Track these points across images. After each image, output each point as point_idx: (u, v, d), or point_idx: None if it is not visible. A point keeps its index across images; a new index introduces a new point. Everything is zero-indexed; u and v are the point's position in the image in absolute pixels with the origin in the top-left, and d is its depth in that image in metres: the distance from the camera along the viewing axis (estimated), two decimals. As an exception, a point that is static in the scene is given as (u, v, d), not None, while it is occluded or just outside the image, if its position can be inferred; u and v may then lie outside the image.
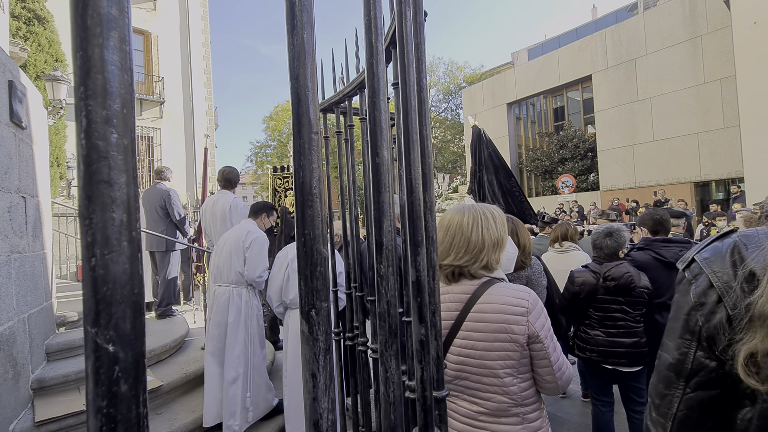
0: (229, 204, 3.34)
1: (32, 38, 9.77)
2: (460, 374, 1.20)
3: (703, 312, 0.62)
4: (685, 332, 0.64)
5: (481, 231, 1.23)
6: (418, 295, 0.73)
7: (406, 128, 0.73)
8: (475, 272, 1.23)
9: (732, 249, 0.62)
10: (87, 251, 0.24)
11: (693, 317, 0.63)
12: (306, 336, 0.39)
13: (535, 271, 2.22)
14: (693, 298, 0.64)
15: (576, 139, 17.62)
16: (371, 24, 0.58)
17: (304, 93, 0.40)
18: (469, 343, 1.17)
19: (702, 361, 0.61)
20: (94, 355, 0.24)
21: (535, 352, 1.14)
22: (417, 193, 0.72)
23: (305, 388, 0.39)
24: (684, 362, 0.63)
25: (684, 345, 0.63)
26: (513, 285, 1.22)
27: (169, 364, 3.38)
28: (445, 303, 1.23)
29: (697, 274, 0.65)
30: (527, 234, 2.16)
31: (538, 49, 25.96)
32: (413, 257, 0.73)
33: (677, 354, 0.64)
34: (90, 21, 0.24)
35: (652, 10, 15.12)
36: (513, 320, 1.13)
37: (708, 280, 0.62)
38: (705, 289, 0.62)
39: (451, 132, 29.96)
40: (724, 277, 0.61)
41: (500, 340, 1.13)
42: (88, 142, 0.24)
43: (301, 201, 0.40)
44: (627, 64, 14.95)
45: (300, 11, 0.41)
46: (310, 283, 0.40)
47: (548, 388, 1.17)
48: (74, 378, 2.85)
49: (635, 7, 22.70)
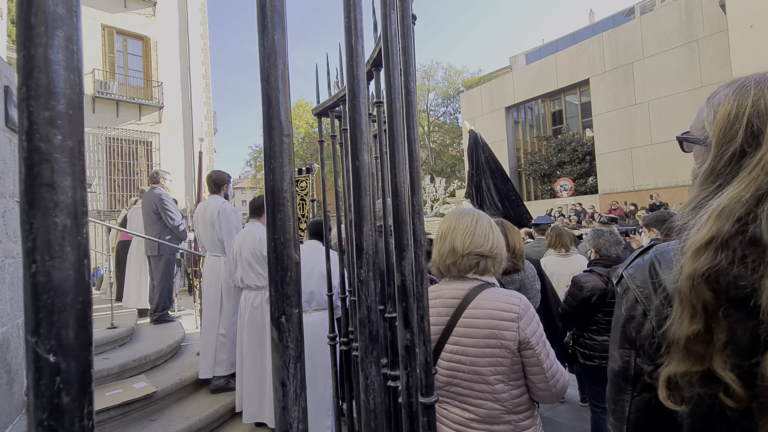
0: (217, 209, 3.33)
1: (31, 44, 9.80)
2: (452, 380, 1.18)
3: (634, 324, 0.66)
4: (624, 342, 0.68)
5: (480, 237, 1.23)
6: (403, 299, 0.72)
7: (391, 131, 0.73)
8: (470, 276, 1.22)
9: (650, 266, 0.66)
10: (27, 258, 0.23)
11: (627, 329, 0.67)
12: (276, 343, 0.38)
13: (528, 275, 2.20)
14: (624, 312, 0.68)
15: (574, 143, 17.66)
16: (351, 26, 0.58)
17: (274, 95, 0.40)
18: (460, 349, 1.16)
19: (642, 367, 0.65)
20: (34, 366, 0.23)
21: (526, 358, 1.13)
22: (402, 196, 0.71)
23: (275, 396, 0.38)
24: (628, 369, 0.67)
25: (625, 354, 0.68)
26: (504, 290, 1.20)
27: (164, 370, 3.35)
28: (436, 308, 1.22)
29: (626, 289, 0.69)
30: (518, 236, 2.14)
31: (536, 53, 26.08)
32: (398, 261, 0.72)
33: (621, 362, 0.68)
34: (34, 19, 0.24)
35: (649, 15, 15.21)
36: (503, 326, 1.11)
37: (634, 295, 0.66)
38: (633, 304, 0.67)
39: (450, 136, 30.04)
40: (646, 291, 0.65)
41: (490, 346, 1.12)
42: (30, 144, 0.23)
43: (271, 204, 0.39)
44: (624, 68, 15.01)
45: (271, 12, 0.40)
46: (280, 289, 0.39)
47: (542, 396, 1.15)
48: (68, 384, 2.82)
49: (632, 12, 22.84)
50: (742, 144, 0.60)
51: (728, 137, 0.62)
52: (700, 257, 0.57)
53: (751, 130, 0.60)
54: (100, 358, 3.16)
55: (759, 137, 0.59)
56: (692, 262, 0.57)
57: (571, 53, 17.01)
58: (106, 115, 12.90)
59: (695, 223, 0.61)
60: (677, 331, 0.57)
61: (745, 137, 0.60)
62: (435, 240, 1.27)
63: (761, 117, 0.60)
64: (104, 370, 2.98)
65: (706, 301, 0.55)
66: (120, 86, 13.31)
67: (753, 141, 0.59)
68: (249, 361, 2.93)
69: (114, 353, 3.29)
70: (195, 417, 2.86)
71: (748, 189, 0.56)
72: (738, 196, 0.57)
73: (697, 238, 0.59)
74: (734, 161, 0.61)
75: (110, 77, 13.13)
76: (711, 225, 0.58)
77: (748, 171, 0.58)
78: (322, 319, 2.63)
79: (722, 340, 0.55)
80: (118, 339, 3.49)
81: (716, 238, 0.56)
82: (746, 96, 0.63)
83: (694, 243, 0.59)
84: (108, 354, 3.28)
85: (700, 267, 0.56)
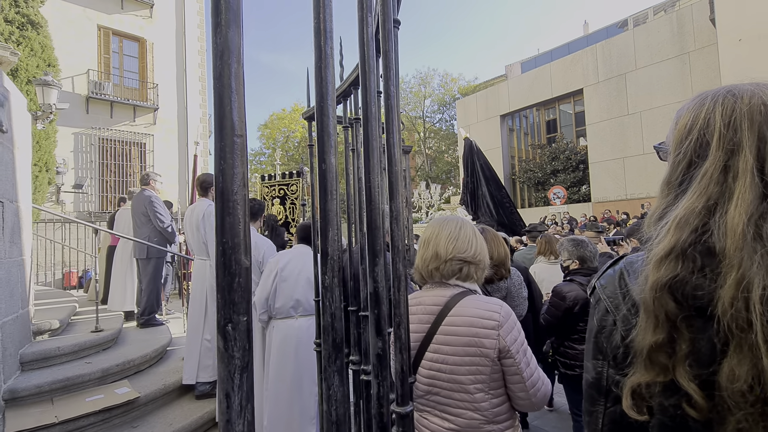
0: (202, 212, 3.30)
1: (25, 43, 9.75)
2: (432, 389, 1.16)
3: (605, 334, 0.66)
4: (597, 352, 0.68)
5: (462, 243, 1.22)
6: (375, 306, 0.70)
7: (366, 135, 0.72)
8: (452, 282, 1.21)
9: (619, 276, 0.67)
10: None
11: (599, 339, 0.67)
12: (221, 353, 0.37)
13: (514, 283, 2.19)
14: (596, 322, 0.68)
15: (568, 151, 17.81)
16: (320, 27, 0.57)
17: (227, 94, 0.38)
18: (440, 357, 1.14)
19: (615, 378, 0.65)
20: None
21: (506, 367, 1.11)
22: (376, 201, 0.70)
23: (219, 408, 0.36)
24: (600, 380, 0.67)
25: (598, 365, 0.68)
26: (485, 297, 1.19)
27: (148, 375, 3.30)
28: (417, 314, 1.21)
29: (597, 300, 0.69)
30: (500, 245, 2.13)
31: (532, 62, 26.36)
32: (371, 267, 0.70)
33: (594, 373, 0.68)
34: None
35: (642, 27, 15.45)
36: (483, 333, 1.10)
37: (605, 305, 0.67)
38: (604, 314, 0.67)
39: (446, 142, 30.18)
40: (615, 301, 0.66)
41: (470, 354, 1.10)
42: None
43: (220, 207, 0.37)
44: (617, 79, 15.21)
45: (225, 9, 0.39)
46: (227, 296, 0.37)
47: (522, 405, 1.14)
48: (48, 389, 2.77)
49: (625, 24, 23.20)
50: (691, 155, 0.62)
51: (681, 149, 0.64)
52: (662, 267, 0.58)
53: (699, 143, 0.61)
54: (82, 363, 3.10)
55: (706, 149, 0.60)
56: (655, 272, 0.58)
57: (565, 63, 17.20)
58: (99, 116, 12.82)
59: (658, 233, 0.62)
60: (641, 340, 0.58)
61: (695, 149, 0.62)
62: (419, 246, 1.26)
63: (710, 129, 0.61)
64: (86, 374, 2.92)
65: (669, 310, 0.56)
66: (115, 87, 13.24)
67: (702, 152, 0.61)
68: None
69: (97, 357, 3.23)
70: (178, 424, 2.80)
71: (700, 200, 0.58)
72: (692, 206, 0.58)
73: (658, 249, 0.60)
74: (687, 172, 0.62)
75: (105, 78, 13.05)
76: (671, 236, 0.59)
77: (698, 181, 0.59)
78: (308, 325, 2.60)
79: (684, 350, 0.55)
80: (103, 343, 3.43)
81: (675, 249, 0.57)
82: (701, 109, 0.64)
83: (656, 253, 0.60)
84: (91, 358, 3.21)
85: (662, 277, 0.57)
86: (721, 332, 0.52)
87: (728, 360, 0.52)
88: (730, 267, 0.52)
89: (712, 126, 0.60)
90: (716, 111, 0.61)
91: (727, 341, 0.52)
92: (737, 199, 0.55)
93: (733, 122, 0.59)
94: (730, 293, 0.51)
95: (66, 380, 2.84)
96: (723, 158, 0.58)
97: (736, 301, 0.51)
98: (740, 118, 0.58)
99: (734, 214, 0.54)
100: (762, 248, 0.52)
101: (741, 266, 0.51)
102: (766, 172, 0.55)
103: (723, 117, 0.59)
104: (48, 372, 2.91)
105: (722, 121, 0.59)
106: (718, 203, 0.56)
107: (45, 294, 5.28)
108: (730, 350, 0.52)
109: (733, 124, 0.59)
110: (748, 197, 0.54)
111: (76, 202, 12.45)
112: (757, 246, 0.52)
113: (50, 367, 3.00)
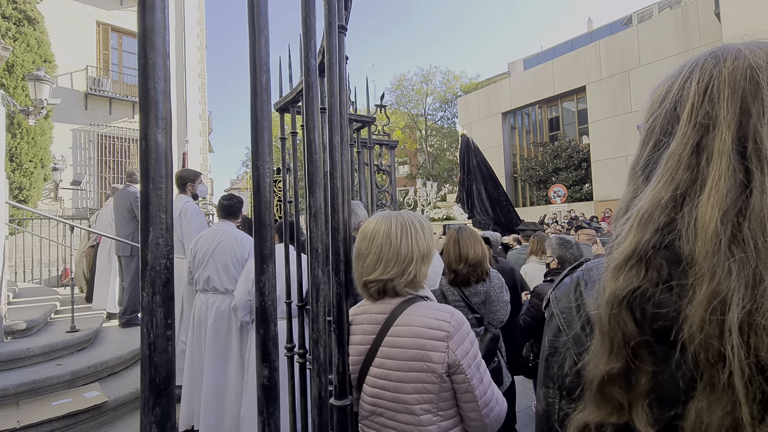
0: (179, 209, 3.18)
1: (21, 39, 9.71)
2: (376, 409, 1.04)
3: (557, 358, 0.54)
4: (547, 380, 0.56)
5: (411, 242, 1.08)
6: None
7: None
8: (400, 289, 1.07)
9: (575, 286, 0.54)
10: None
11: (551, 363, 0.55)
12: None
13: (495, 286, 2.05)
14: (547, 343, 0.56)
15: (570, 149, 17.58)
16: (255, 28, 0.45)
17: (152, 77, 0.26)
18: (384, 373, 1.01)
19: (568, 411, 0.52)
20: None
21: (457, 384, 0.98)
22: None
23: None
24: (550, 413, 0.55)
25: (549, 394, 0.55)
26: (435, 304, 1.06)
27: (122, 377, 3.20)
28: (361, 324, 1.08)
29: (551, 315, 0.56)
30: (477, 243, 1.99)
31: (534, 59, 26.07)
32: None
33: (544, 404, 0.56)
34: None
35: (646, 23, 15.19)
36: (430, 345, 0.97)
37: (557, 322, 0.54)
38: (556, 333, 0.54)
39: (447, 140, 29.97)
40: (568, 318, 0.53)
41: (416, 369, 0.97)
42: None
43: None
44: (621, 76, 14.97)
45: None
46: None
47: (474, 426, 1.01)
48: (13, 392, 2.67)
49: (630, 20, 22.87)
50: (658, 132, 0.49)
51: (648, 123, 0.51)
52: (620, 276, 0.45)
53: (668, 117, 0.48)
54: (52, 364, 3.01)
55: (675, 124, 0.47)
56: (612, 282, 0.46)
57: (568, 60, 16.96)
58: (98, 113, 12.78)
59: (619, 232, 0.49)
60: (593, 368, 0.46)
61: (663, 124, 0.48)
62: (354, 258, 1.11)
63: (682, 100, 0.47)
64: (54, 377, 2.82)
65: (627, 332, 0.43)
66: (114, 84, 13.19)
67: (670, 128, 0.48)
68: (210, 369, 2.77)
69: (69, 359, 3.14)
70: (148, 429, 2.70)
71: (667, 189, 0.44)
72: (657, 197, 0.45)
73: (617, 252, 0.47)
74: (653, 153, 0.49)
75: (104, 74, 13.00)
76: (632, 236, 0.46)
77: (664, 164, 0.46)
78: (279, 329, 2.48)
79: (643, 386, 0.43)
80: (77, 344, 3.33)
81: (636, 252, 0.44)
82: (678, 76, 0.50)
83: (614, 258, 0.47)
84: (63, 360, 3.12)
85: (619, 289, 0.44)
86: (686, 364, 0.40)
87: (695, 402, 0.40)
88: (699, 278, 0.40)
89: (686, 95, 0.47)
90: (693, 77, 0.47)
91: (694, 377, 0.40)
92: (710, 189, 0.42)
93: (710, 91, 0.45)
94: (699, 313, 0.39)
95: (33, 383, 2.75)
96: (694, 136, 0.45)
97: (706, 325, 0.38)
98: (719, 85, 0.45)
99: (706, 209, 0.41)
100: (741, 253, 0.38)
101: (714, 277, 0.39)
102: (748, 155, 0.42)
103: (698, 84, 0.46)
104: (16, 374, 2.82)
105: (696, 89, 0.46)
106: (687, 194, 0.43)
107: (30, 291, 5.21)
108: (698, 389, 0.40)
109: (710, 93, 0.45)
110: (723, 187, 0.41)
111: (75, 199, 12.43)
112: (735, 250, 0.39)
113: (19, 369, 2.91)
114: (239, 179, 46.64)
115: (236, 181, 45.24)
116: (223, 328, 2.80)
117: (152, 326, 0.40)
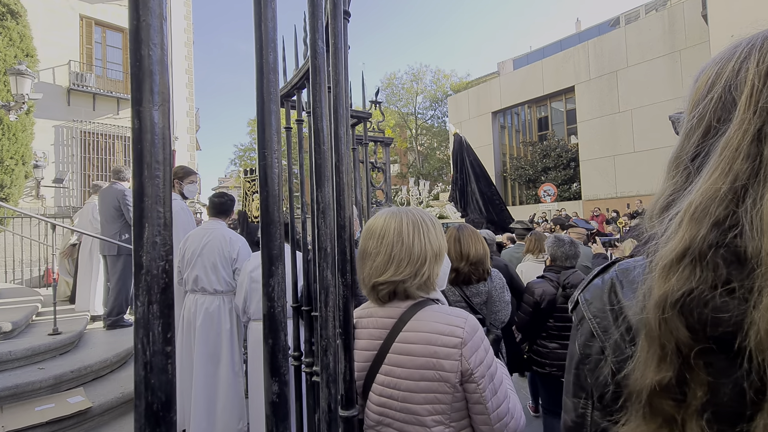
0: (168, 207, 3.08)
1: (4, 33, 9.39)
2: (383, 419, 0.98)
3: (589, 366, 0.51)
4: (578, 389, 0.52)
5: (423, 240, 1.02)
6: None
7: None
8: (412, 291, 1.01)
9: (609, 288, 0.51)
10: None
11: (581, 371, 0.52)
12: None
13: (496, 286, 2.01)
14: (578, 349, 0.53)
15: (559, 149, 17.75)
16: None
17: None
18: (392, 381, 0.96)
19: (601, 425, 0.50)
20: None
21: (468, 393, 0.93)
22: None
23: None
24: (583, 425, 0.52)
25: (580, 405, 0.52)
26: (448, 308, 1.01)
27: (108, 382, 3.09)
28: (367, 329, 1.02)
29: (581, 319, 0.53)
30: (478, 241, 1.96)
31: (524, 59, 26.24)
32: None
33: (574, 415, 0.53)
34: None
35: (633, 25, 15.40)
36: (443, 353, 0.92)
37: (590, 327, 0.51)
38: (588, 339, 0.51)
39: (437, 139, 30.03)
40: (604, 323, 0.50)
41: (427, 378, 0.92)
42: None
43: None
44: (609, 76, 15.15)
45: None
46: None
47: None
48: (-6, 397, 2.55)
49: (617, 22, 23.18)
50: (710, 119, 0.45)
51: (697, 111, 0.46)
52: (672, 277, 0.41)
53: (723, 102, 0.44)
54: (34, 368, 2.88)
55: (732, 110, 0.43)
56: (661, 284, 0.41)
57: (557, 60, 17.11)
58: (81, 108, 12.43)
59: (666, 228, 0.44)
60: (639, 378, 0.42)
61: (715, 109, 0.44)
62: (358, 258, 1.05)
63: (738, 83, 0.43)
64: (36, 381, 2.70)
65: (680, 339, 0.39)
66: (98, 79, 12.83)
67: (725, 115, 0.43)
68: (200, 372, 2.68)
69: (52, 363, 3.01)
70: (135, 435, 2.60)
71: (723, 179, 0.40)
72: (712, 190, 0.41)
73: (666, 250, 0.42)
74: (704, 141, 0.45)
75: (87, 69, 12.65)
76: (684, 232, 0.41)
77: (718, 154, 0.42)
78: None
79: (700, 398, 0.39)
80: (61, 347, 3.21)
81: (691, 250, 0.40)
82: (731, 59, 0.46)
83: (663, 256, 0.42)
84: (46, 363, 2.99)
85: (672, 290, 0.40)
86: (753, 375, 0.37)
87: (763, 416, 0.36)
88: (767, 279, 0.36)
89: (743, 78, 0.42)
90: (751, 59, 0.43)
91: (762, 389, 0.36)
92: None
93: None
94: None
95: (15, 387, 2.63)
96: (756, 122, 0.40)
97: None
98: None
99: None
100: None
101: None
102: None
103: (759, 66, 0.42)
104: (-3, 379, 2.69)
105: (756, 72, 0.42)
106: (748, 185, 0.39)
107: (11, 292, 5.02)
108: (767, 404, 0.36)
109: None
110: None
111: (57, 197, 12.08)
112: None
113: (1, 373, 2.78)
114: (227, 177, 46.06)
115: (224, 180, 44.67)
116: (213, 329, 2.72)
117: (148, 341, 0.34)
